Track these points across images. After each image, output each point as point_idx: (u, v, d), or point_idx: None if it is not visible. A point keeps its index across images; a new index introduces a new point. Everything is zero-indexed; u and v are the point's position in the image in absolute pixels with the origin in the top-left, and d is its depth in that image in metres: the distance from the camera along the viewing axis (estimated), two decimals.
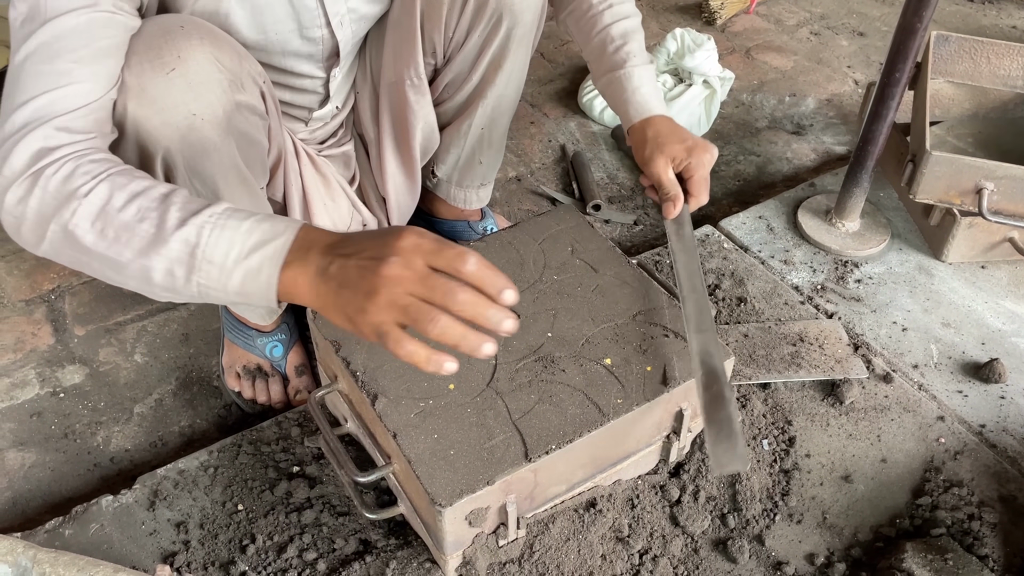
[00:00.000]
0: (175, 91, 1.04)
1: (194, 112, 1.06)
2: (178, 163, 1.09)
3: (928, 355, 1.51)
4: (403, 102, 1.42)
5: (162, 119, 1.05)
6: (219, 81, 1.08)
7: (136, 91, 1.02)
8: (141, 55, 1.03)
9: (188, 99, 1.06)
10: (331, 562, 1.18)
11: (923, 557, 1.16)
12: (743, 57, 2.48)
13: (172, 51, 1.04)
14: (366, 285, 0.81)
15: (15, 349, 1.56)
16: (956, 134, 1.88)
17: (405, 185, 1.53)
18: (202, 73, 1.06)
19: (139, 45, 1.03)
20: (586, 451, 1.12)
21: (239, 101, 1.12)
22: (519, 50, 1.39)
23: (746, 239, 1.75)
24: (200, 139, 1.09)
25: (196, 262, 0.87)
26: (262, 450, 1.31)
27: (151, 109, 1.04)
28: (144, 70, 1.02)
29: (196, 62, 1.05)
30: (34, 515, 1.31)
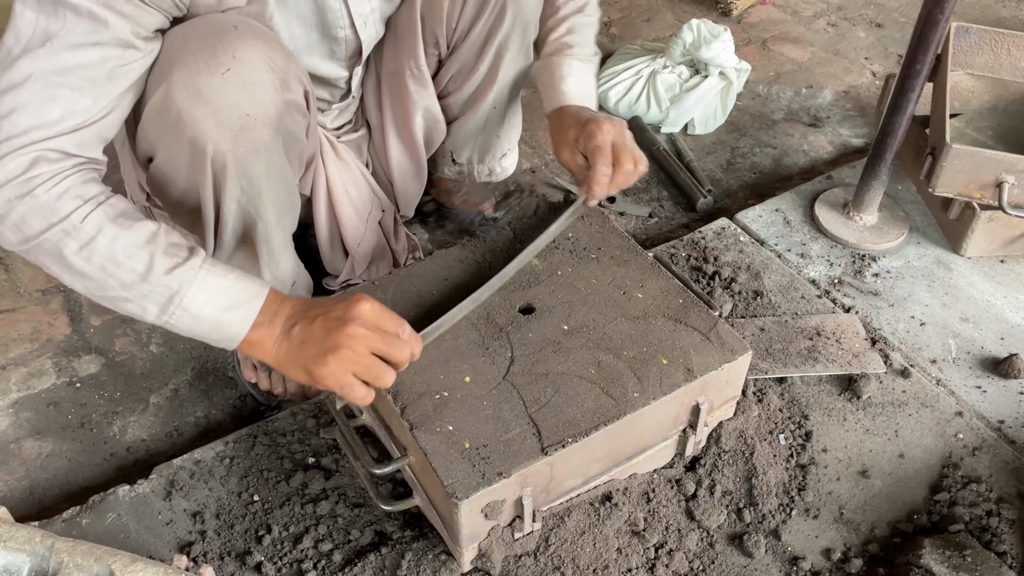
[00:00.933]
0: (230, 91, 1.05)
1: (248, 112, 1.07)
2: (228, 162, 1.10)
3: (946, 350, 1.50)
4: (403, 91, 1.42)
5: (216, 119, 1.05)
6: (271, 81, 1.09)
7: (190, 91, 1.03)
8: (196, 54, 1.03)
9: (242, 99, 1.06)
10: (347, 553, 1.18)
11: (941, 553, 1.15)
12: (759, 48, 2.46)
13: (227, 51, 1.04)
14: (330, 342, 0.98)
15: (32, 339, 1.57)
16: (976, 127, 1.86)
17: (411, 170, 1.54)
18: (256, 73, 1.07)
19: (193, 44, 1.03)
20: (602, 444, 1.12)
21: (288, 100, 1.13)
22: (524, 35, 1.39)
23: (762, 232, 1.73)
24: (252, 139, 1.10)
25: (172, 307, 0.99)
26: (278, 441, 1.32)
27: (206, 109, 1.04)
28: (199, 70, 1.03)
29: (250, 62, 1.06)
30: (51, 504, 1.32)
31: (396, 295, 1.24)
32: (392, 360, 1.01)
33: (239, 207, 1.18)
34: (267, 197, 1.20)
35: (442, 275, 1.28)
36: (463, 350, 1.17)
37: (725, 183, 1.98)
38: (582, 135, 1.24)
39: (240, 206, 1.18)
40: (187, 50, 1.03)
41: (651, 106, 2.10)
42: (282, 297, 1.04)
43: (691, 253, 1.67)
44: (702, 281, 1.61)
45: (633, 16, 2.59)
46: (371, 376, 1.00)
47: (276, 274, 1.32)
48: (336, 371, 0.98)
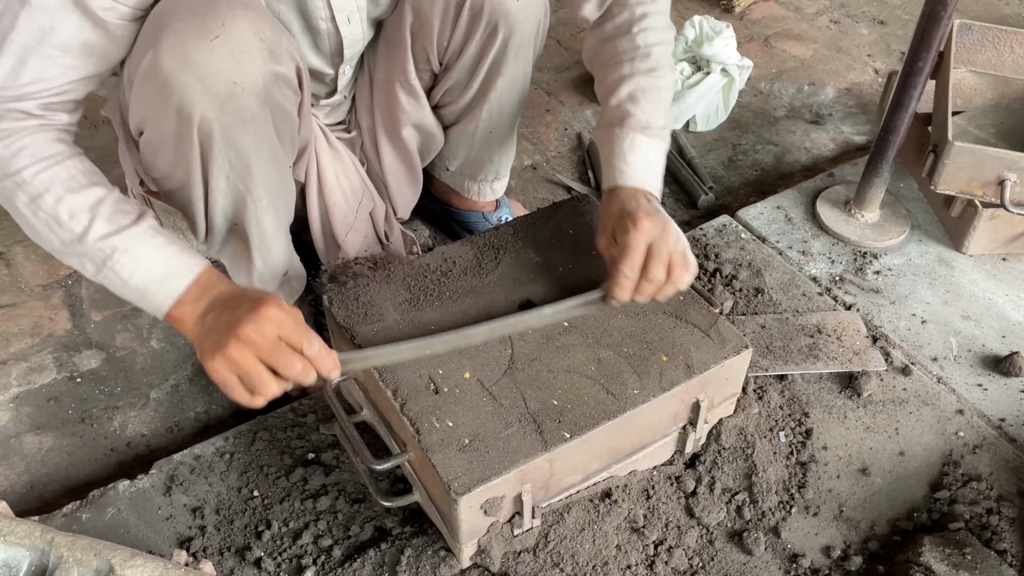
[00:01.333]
0: (218, 58, 1.05)
1: (235, 80, 1.07)
2: (215, 131, 1.10)
3: (947, 348, 1.50)
4: (394, 101, 1.42)
5: (203, 85, 1.05)
6: (260, 51, 1.08)
7: (178, 56, 1.03)
8: (185, 21, 1.03)
9: (230, 67, 1.06)
10: (346, 549, 1.18)
11: (941, 551, 1.15)
12: (762, 45, 2.45)
13: (216, 19, 1.04)
14: (223, 339, 0.97)
15: (33, 334, 1.57)
16: (978, 124, 1.86)
17: (406, 176, 1.54)
18: (244, 42, 1.06)
19: (183, 11, 1.04)
20: (602, 441, 1.12)
21: (277, 72, 1.12)
22: (519, 58, 1.37)
23: (764, 229, 1.73)
24: (239, 108, 1.09)
25: (105, 270, 1.04)
26: (278, 437, 1.32)
27: (193, 75, 1.04)
28: (188, 36, 1.03)
29: (239, 30, 1.05)
30: (52, 499, 1.32)
31: (378, 292, 1.24)
32: (282, 374, 0.98)
33: (228, 183, 1.17)
34: (257, 173, 1.19)
35: (437, 270, 1.28)
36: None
37: (726, 180, 1.98)
38: (619, 228, 1.12)
39: (229, 182, 1.17)
40: (176, 17, 1.03)
41: None
42: (219, 280, 1.05)
43: (692, 250, 1.67)
44: (703, 278, 1.61)
45: None
46: (248, 384, 0.98)
47: (267, 260, 1.32)
48: (219, 368, 0.98)
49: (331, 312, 1.22)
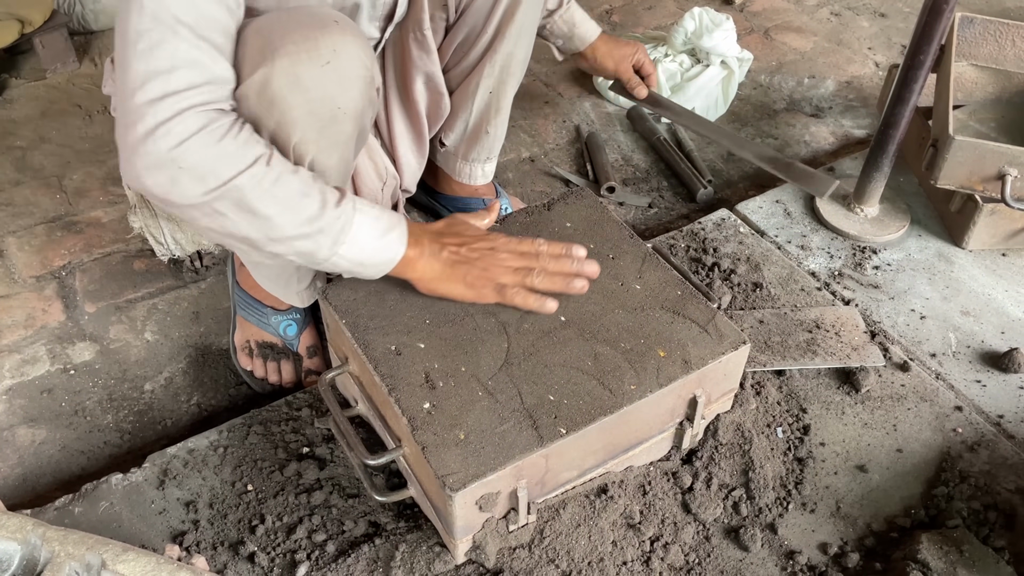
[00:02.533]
0: (328, 84, 1.07)
1: (339, 106, 1.10)
2: (310, 151, 1.12)
3: (946, 344, 1.49)
4: (405, 54, 1.42)
5: (310, 108, 1.07)
6: (364, 78, 1.12)
7: (291, 78, 1.04)
8: (299, 44, 1.04)
9: (337, 93, 1.09)
10: (340, 544, 1.17)
11: (938, 548, 1.15)
12: (762, 37, 2.44)
13: (329, 44, 1.06)
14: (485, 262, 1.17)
15: (26, 325, 1.56)
16: (979, 118, 1.85)
17: (414, 145, 1.54)
18: (352, 69, 1.09)
19: (295, 34, 1.05)
20: (598, 437, 1.11)
21: (371, 97, 1.17)
22: (530, 8, 1.40)
23: (763, 223, 1.72)
24: (337, 132, 1.13)
25: (343, 238, 1.08)
26: (272, 430, 1.31)
27: (302, 98, 1.06)
28: (301, 60, 1.04)
29: (349, 58, 1.08)
30: (44, 492, 1.32)
31: (380, 288, 1.23)
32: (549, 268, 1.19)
33: None
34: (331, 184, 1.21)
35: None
36: (459, 340, 1.16)
37: (725, 173, 1.97)
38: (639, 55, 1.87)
39: None
40: (290, 39, 1.05)
41: None
42: (417, 223, 1.18)
43: (690, 244, 1.66)
44: (701, 272, 1.60)
45: (635, 4, 2.57)
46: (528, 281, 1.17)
47: None
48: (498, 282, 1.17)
49: (326, 303, 1.21)
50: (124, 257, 1.70)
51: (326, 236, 1.07)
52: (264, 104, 1.06)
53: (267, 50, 1.04)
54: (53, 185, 1.86)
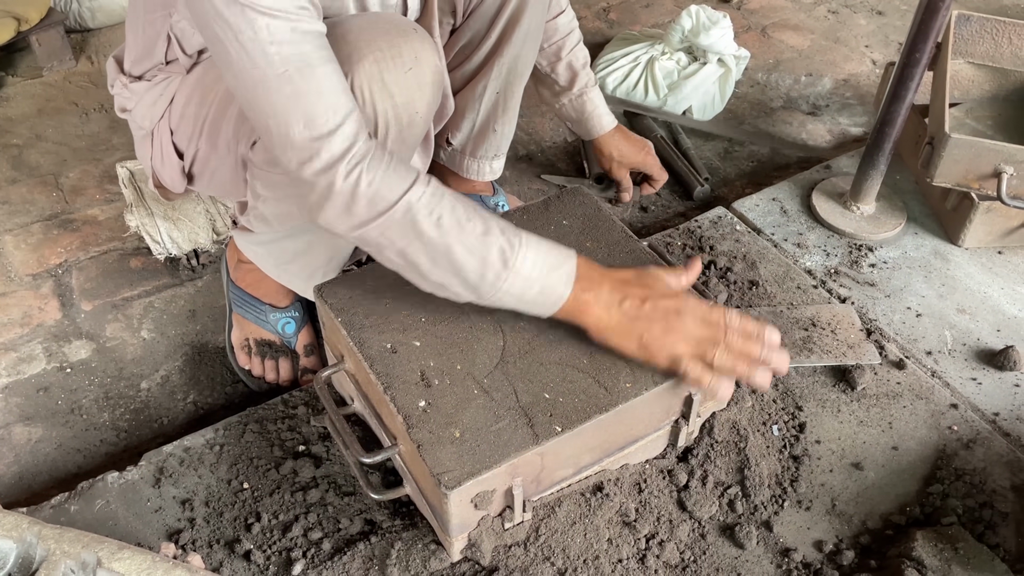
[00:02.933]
0: (410, 88, 1.11)
1: (417, 110, 1.14)
2: None
3: (942, 341, 1.49)
4: None
5: (395, 112, 1.12)
6: (437, 84, 1.16)
7: (378, 82, 1.08)
8: (384, 51, 1.08)
9: (416, 97, 1.13)
10: (336, 542, 1.17)
11: (933, 546, 1.15)
12: (759, 35, 2.44)
13: (411, 52, 1.10)
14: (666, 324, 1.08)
15: (22, 323, 1.56)
16: (975, 116, 1.85)
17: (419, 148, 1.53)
18: (429, 76, 1.13)
19: (381, 41, 1.08)
20: (594, 435, 1.11)
21: (439, 103, 1.20)
22: (537, 6, 1.40)
23: (759, 221, 1.72)
24: (412, 135, 1.17)
25: (507, 269, 1.04)
26: (268, 429, 1.31)
27: (389, 102, 1.10)
28: (388, 65, 1.08)
29: (428, 65, 1.12)
30: (40, 490, 1.32)
31: (376, 286, 1.23)
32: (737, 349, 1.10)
33: None
34: None
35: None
36: (455, 339, 1.16)
37: (722, 171, 1.97)
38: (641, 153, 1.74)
39: None
40: (376, 46, 1.08)
41: (649, 93, 2.08)
42: (589, 263, 1.11)
43: (687, 242, 1.66)
44: None
45: (632, 2, 2.56)
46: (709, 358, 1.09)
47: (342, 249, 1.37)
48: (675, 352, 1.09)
49: (322, 301, 1.21)
50: (120, 255, 1.70)
51: (491, 268, 1.04)
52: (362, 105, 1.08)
53: (353, 56, 1.07)
54: (49, 183, 1.86)
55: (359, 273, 1.26)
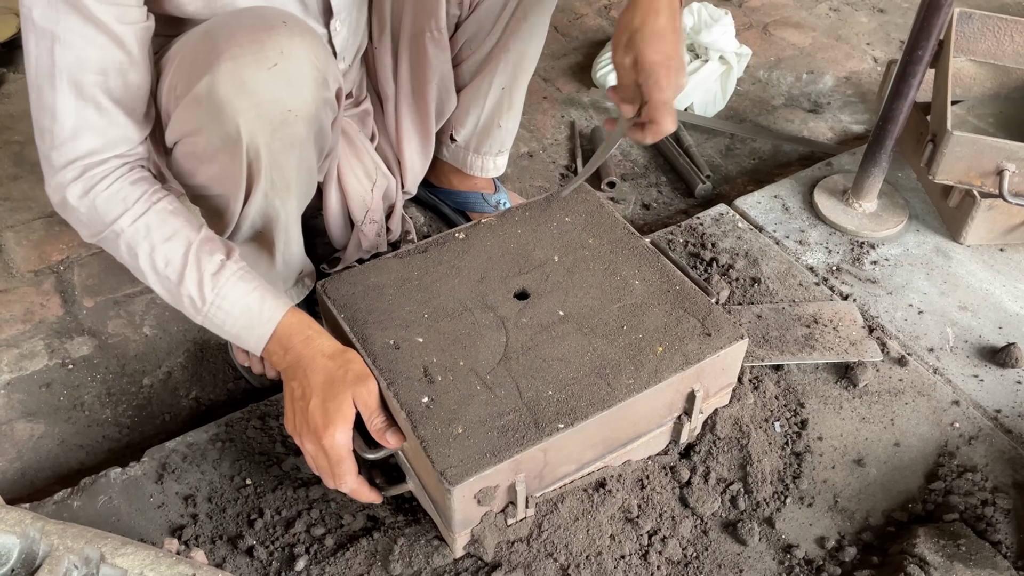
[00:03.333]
0: (275, 87, 1.06)
1: (290, 108, 1.09)
2: (263, 155, 1.11)
3: (944, 338, 1.50)
4: (422, 55, 1.41)
5: (258, 112, 1.06)
6: (315, 79, 1.10)
7: (236, 83, 1.03)
8: (244, 47, 1.03)
9: (286, 95, 1.08)
10: (339, 538, 1.17)
11: (935, 542, 1.15)
12: (760, 33, 2.44)
13: (275, 46, 1.05)
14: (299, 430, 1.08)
15: (24, 320, 1.56)
16: (977, 114, 1.85)
17: (419, 146, 1.53)
18: (301, 70, 1.08)
19: (241, 36, 1.04)
20: (596, 431, 1.11)
21: (325, 98, 1.15)
22: (541, 5, 1.38)
23: (761, 219, 1.72)
24: (290, 134, 1.12)
25: (200, 317, 1.11)
26: (270, 425, 1.31)
27: (249, 102, 1.05)
28: (246, 63, 1.03)
29: (297, 59, 1.07)
30: (43, 486, 1.32)
31: (378, 282, 1.23)
32: None
33: (266, 200, 1.19)
34: (294, 191, 1.22)
35: (433, 256, 1.27)
36: (457, 335, 1.16)
37: (724, 169, 1.97)
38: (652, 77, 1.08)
39: (267, 199, 1.20)
40: (235, 42, 1.03)
41: None
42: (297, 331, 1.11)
43: (689, 239, 1.66)
44: (699, 267, 1.60)
45: None
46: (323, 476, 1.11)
47: (288, 262, 1.34)
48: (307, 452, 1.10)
49: (324, 297, 1.21)
50: None
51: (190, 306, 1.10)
52: (213, 110, 1.05)
53: (212, 54, 1.03)
54: None
55: (361, 269, 1.26)
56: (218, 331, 1.13)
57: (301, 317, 1.13)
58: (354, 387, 1.07)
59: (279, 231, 1.27)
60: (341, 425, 1.06)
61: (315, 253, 1.53)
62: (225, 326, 1.11)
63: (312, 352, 1.09)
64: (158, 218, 1.09)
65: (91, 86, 1.03)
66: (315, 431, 1.06)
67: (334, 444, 1.06)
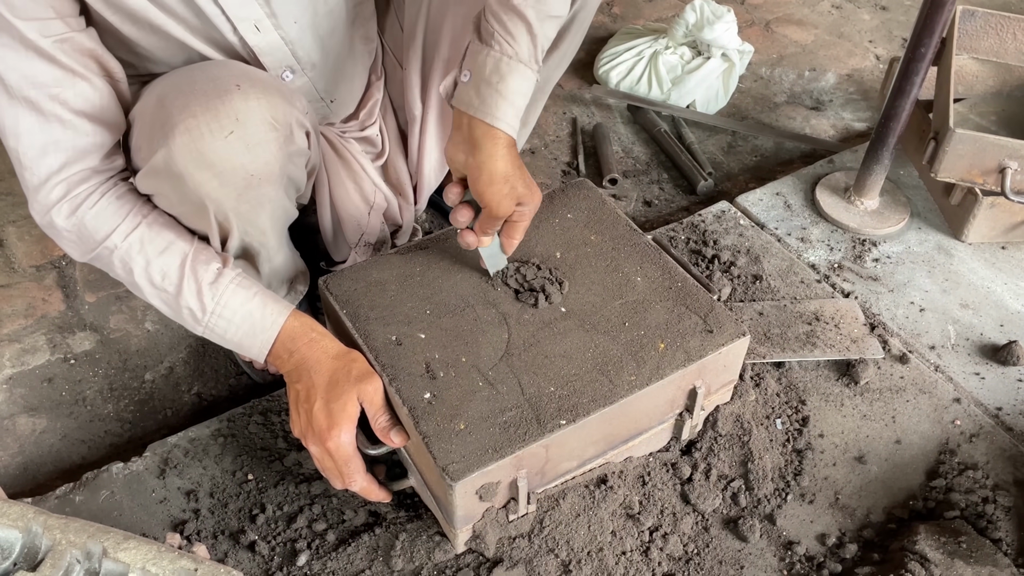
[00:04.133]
0: (234, 154, 1.04)
1: (252, 173, 1.07)
2: (231, 217, 1.11)
3: (945, 336, 1.50)
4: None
5: (220, 182, 1.05)
6: (275, 139, 1.08)
7: (194, 155, 1.02)
8: (198, 117, 1.01)
9: (246, 161, 1.06)
10: (340, 533, 1.18)
11: (936, 540, 1.15)
12: (763, 30, 2.43)
13: (230, 114, 1.02)
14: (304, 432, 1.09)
15: (26, 315, 1.56)
16: (979, 112, 1.85)
17: (437, 162, 1.51)
18: (259, 134, 1.05)
19: (195, 106, 1.01)
20: (598, 427, 1.11)
21: (291, 152, 1.13)
22: (577, 33, 1.36)
23: (763, 216, 1.72)
24: (256, 196, 1.11)
25: (201, 328, 1.11)
26: (272, 420, 1.31)
27: (209, 173, 1.04)
28: (202, 134, 1.01)
29: (254, 124, 1.04)
30: (45, 481, 1.32)
31: (381, 278, 1.23)
32: None
33: (242, 243, 1.19)
34: (271, 234, 1.22)
35: (435, 252, 1.27)
36: (459, 331, 1.16)
37: (726, 166, 1.97)
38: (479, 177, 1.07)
39: (244, 243, 1.19)
40: (189, 112, 1.01)
41: (652, 87, 2.08)
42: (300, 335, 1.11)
43: (691, 236, 1.66)
44: (701, 264, 1.60)
45: None
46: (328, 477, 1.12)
47: (272, 282, 1.32)
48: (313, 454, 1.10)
49: (327, 293, 1.21)
50: None
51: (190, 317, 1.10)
52: (173, 181, 1.04)
53: (167, 126, 1.01)
54: None
55: (363, 265, 1.26)
56: (220, 340, 1.12)
57: (304, 320, 1.12)
58: (358, 386, 1.07)
59: (263, 262, 1.26)
60: (345, 426, 1.06)
61: (317, 249, 1.53)
62: (227, 335, 1.11)
63: (316, 354, 1.10)
64: (151, 231, 1.09)
65: (47, 100, 1.01)
66: (320, 434, 1.06)
67: (339, 445, 1.06)
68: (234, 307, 1.10)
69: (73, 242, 1.09)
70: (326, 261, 1.55)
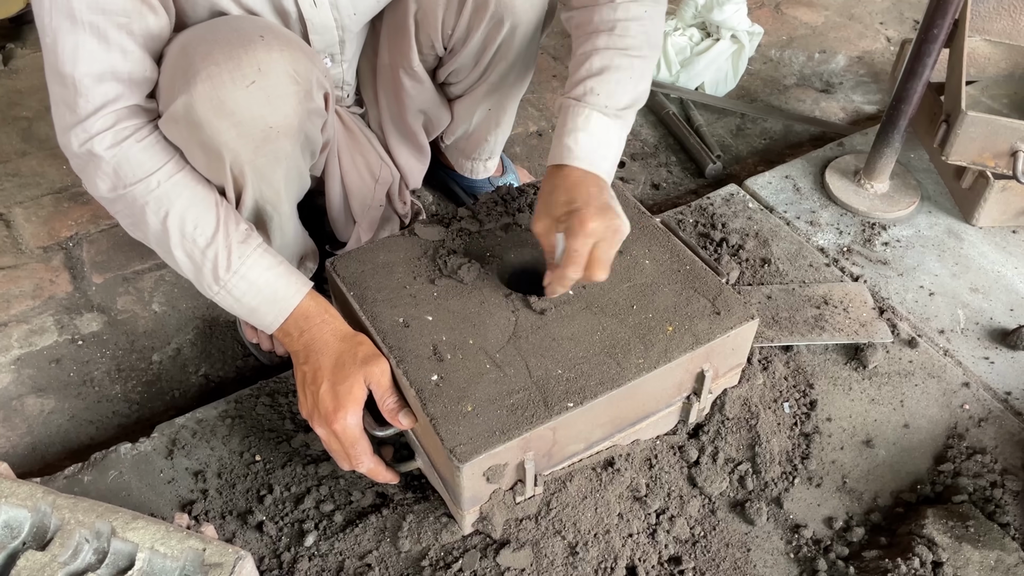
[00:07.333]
0: (254, 104, 1.04)
1: (271, 125, 1.07)
2: (246, 171, 1.11)
3: (955, 320, 1.49)
4: (398, 86, 1.39)
5: (238, 132, 1.05)
6: (295, 93, 1.08)
7: (214, 103, 1.01)
8: (220, 65, 1.00)
9: (266, 112, 1.05)
10: (348, 514, 1.18)
11: (944, 524, 1.15)
12: (772, 11, 2.41)
13: (252, 63, 1.02)
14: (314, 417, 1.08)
15: (33, 296, 1.56)
16: (991, 94, 1.83)
17: (413, 154, 1.52)
18: (280, 86, 1.05)
19: (217, 54, 1.01)
20: (605, 410, 1.11)
21: (310, 109, 1.13)
22: (524, 46, 1.35)
23: (771, 199, 1.71)
24: (273, 150, 1.11)
25: (218, 287, 1.09)
26: (280, 402, 1.31)
27: (228, 122, 1.03)
28: (223, 82, 1.01)
29: (275, 75, 1.04)
30: (54, 461, 1.32)
31: (388, 260, 1.23)
32: None
33: (256, 204, 1.19)
34: (284, 196, 1.21)
35: (439, 236, 1.26)
36: (467, 313, 1.16)
37: (734, 149, 1.95)
38: (567, 221, 1.07)
39: (257, 204, 1.19)
40: (211, 60, 1.00)
41: (661, 69, 2.06)
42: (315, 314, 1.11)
43: (699, 219, 1.65)
44: (709, 248, 1.59)
45: None
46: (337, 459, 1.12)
47: (285, 242, 1.33)
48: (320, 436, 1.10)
49: (334, 275, 1.21)
50: None
51: (209, 274, 1.08)
52: (192, 128, 1.03)
53: (189, 73, 1.01)
54: (59, 156, 1.85)
55: (370, 247, 1.25)
56: (233, 304, 1.10)
57: (320, 300, 1.12)
58: (364, 368, 1.07)
59: (274, 229, 1.27)
60: (351, 408, 1.06)
61: (324, 232, 1.52)
62: (244, 298, 1.09)
63: (325, 335, 1.09)
64: (192, 178, 1.08)
65: (114, 28, 0.99)
66: (326, 415, 1.06)
67: (346, 427, 1.06)
68: (258, 271, 1.08)
69: (108, 174, 1.04)
70: (331, 245, 1.55)
